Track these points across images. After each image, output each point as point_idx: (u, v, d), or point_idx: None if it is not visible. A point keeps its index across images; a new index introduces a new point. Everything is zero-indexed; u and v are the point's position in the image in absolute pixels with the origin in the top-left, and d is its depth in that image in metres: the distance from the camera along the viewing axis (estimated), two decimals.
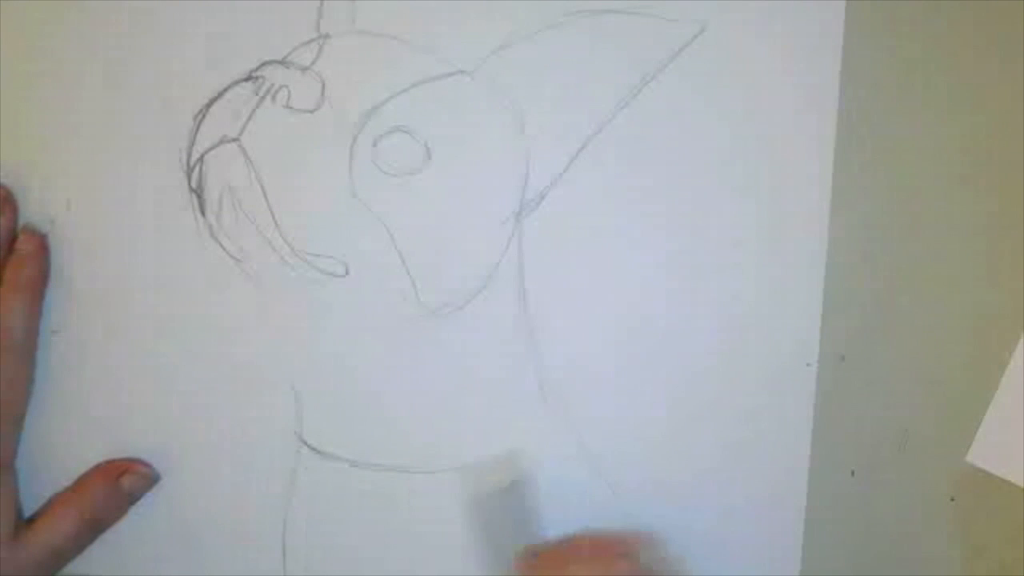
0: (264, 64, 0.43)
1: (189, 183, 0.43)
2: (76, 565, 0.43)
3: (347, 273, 0.43)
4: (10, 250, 0.43)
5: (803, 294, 0.44)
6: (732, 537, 0.44)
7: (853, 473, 0.44)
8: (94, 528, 0.43)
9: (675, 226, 0.44)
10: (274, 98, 0.42)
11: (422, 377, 0.44)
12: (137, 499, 0.44)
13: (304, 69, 0.42)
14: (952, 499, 0.44)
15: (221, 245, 0.43)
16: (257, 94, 0.42)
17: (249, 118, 0.42)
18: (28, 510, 0.43)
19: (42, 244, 0.43)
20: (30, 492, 0.43)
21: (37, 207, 0.43)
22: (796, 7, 0.43)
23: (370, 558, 0.45)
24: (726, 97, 0.43)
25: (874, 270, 0.44)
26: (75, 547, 0.43)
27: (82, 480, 0.43)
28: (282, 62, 0.43)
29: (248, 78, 0.43)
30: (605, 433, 0.44)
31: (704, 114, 0.43)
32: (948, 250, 0.44)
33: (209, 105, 0.43)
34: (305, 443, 0.44)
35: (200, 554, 0.45)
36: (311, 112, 0.42)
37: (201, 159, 0.43)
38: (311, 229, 0.43)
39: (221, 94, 0.43)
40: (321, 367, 0.44)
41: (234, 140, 0.42)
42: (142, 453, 0.44)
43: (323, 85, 0.42)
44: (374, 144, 0.42)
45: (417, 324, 0.43)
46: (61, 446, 0.44)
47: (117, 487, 0.43)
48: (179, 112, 0.43)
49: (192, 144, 0.43)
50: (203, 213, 0.43)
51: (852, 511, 0.44)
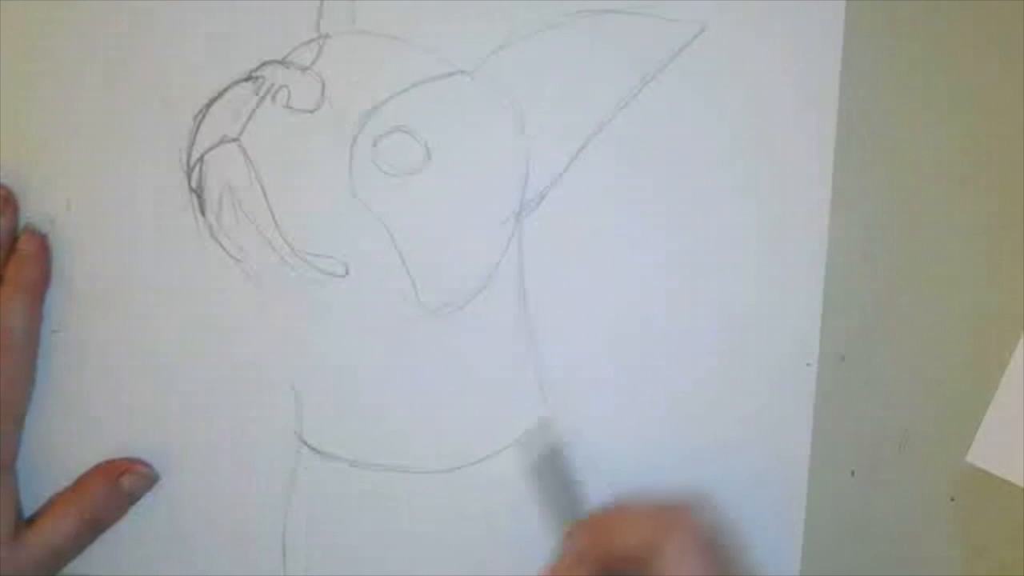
0: (264, 64, 0.43)
1: (189, 183, 0.43)
2: (76, 565, 0.43)
3: (347, 273, 0.43)
4: (11, 250, 0.43)
5: (803, 294, 0.44)
6: (732, 537, 0.44)
7: (853, 473, 0.44)
8: (94, 528, 0.43)
9: (675, 226, 0.44)
10: (274, 98, 0.42)
11: (422, 377, 0.44)
12: (137, 499, 0.44)
13: (304, 69, 0.42)
14: (952, 499, 0.44)
15: (221, 245, 0.43)
16: (257, 94, 0.42)
17: (249, 118, 0.42)
18: (28, 510, 0.43)
19: (43, 245, 0.43)
20: (30, 492, 0.43)
21: (37, 207, 0.43)
22: (796, 7, 0.43)
23: (370, 558, 0.45)
24: (726, 97, 0.43)
25: (874, 270, 0.44)
26: (75, 547, 0.43)
27: (82, 480, 0.43)
28: (282, 62, 0.43)
29: (248, 78, 0.43)
30: (605, 433, 0.44)
31: (704, 114, 0.43)
32: (948, 250, 0.44)
33: (209, 105, 0.43)
34: (305, 443, 0.44)
35: (200, 554, 0.45)
36: (311, 112, 0.42)
37: (201, 159, 0.43)
38: (311, 229, 0.43)
39: (221, 94, 0.43)
40: (321, 367, 0.44)
41: (234, 140, 0.42)
42: (142, 453, 0.44)
43: (323, 85, 0.42)
44: (374, 144, 0.42)
45: (417, 324, 0.43)
46: (61, 446, 0.44)
47: (117, 487, 0.43)
48: (179, 112, 0.43)
49: (192, 144, 0.43)
50: (203, 213, 0.43)
51: (852, 511, 0.44)
